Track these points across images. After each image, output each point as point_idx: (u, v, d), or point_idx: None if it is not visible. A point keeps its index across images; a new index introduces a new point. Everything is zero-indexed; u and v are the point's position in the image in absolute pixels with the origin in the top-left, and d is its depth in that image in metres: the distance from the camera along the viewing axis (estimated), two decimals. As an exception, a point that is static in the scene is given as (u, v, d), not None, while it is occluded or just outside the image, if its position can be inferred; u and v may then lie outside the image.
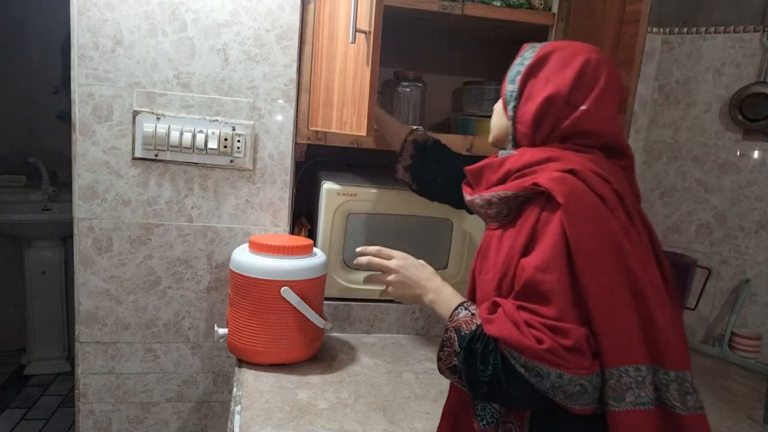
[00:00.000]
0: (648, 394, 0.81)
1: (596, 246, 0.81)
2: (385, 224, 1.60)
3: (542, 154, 0.91)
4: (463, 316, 0.92)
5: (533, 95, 0.95)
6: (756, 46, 1.79)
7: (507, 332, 0.81)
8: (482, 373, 0.84)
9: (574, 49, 0.95)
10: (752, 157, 1.82)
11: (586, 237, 0.81)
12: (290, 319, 1.36)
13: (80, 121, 1.44)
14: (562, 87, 0.92)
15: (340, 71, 1.37)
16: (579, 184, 0.84)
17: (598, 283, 0.80)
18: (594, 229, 0.82)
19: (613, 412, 0.81)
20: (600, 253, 0.81)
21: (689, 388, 0.84)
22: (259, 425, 1.14)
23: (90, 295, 1.52)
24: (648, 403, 0.81)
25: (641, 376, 0.81)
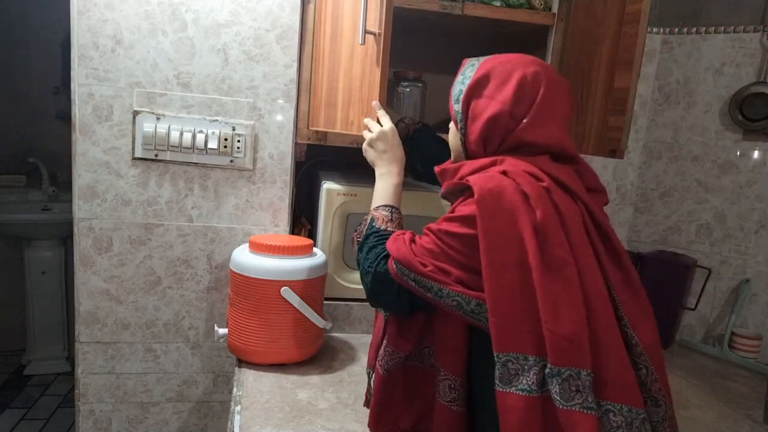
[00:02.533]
0: (529, 382, 0.85)
1: (495, 242, 0.88)
2: (385, 224, 1.60)
3: (488, 160, 0.97)
4: (383, 213, 1.14)
5: (478, 114, 0.99)
6: (756, 46, 1.79)
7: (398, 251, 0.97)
8: (364, 262, 1.04)
9: (510, 66, 0.99)
10: (752, 157, 1.82)
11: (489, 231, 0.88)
12: (290, 319, 1.36)
13: (80, 121, 1.44)
14: (504, 104, 0.96)
15: (345, 72, 1.38)
16: (504, 182, 0.90)
17: (491, 274, 0.87)
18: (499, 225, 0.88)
19: (499, 392, 0.87)
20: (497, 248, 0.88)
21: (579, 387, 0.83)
22: (259, 425, 1.14)
23: (90, 295, 1.52)
24: (529, 390, 0.85)
25: (526, 365, 0.86)
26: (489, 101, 0.97)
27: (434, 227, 0.97)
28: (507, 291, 0.87)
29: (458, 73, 1.06)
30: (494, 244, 0.87)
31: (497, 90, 0.97)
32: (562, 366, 0.84)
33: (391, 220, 1.12)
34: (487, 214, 0.88)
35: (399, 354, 1.05)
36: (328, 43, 1.43)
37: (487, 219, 0.88)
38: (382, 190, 1.20)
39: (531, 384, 0.85)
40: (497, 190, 0.89)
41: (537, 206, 0.88)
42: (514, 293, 0.87)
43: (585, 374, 0.84)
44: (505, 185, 0.89)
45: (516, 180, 0.90)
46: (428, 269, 0.93)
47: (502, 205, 0.88)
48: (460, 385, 0.98)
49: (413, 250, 0.96)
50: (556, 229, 0.88)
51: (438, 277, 0.93)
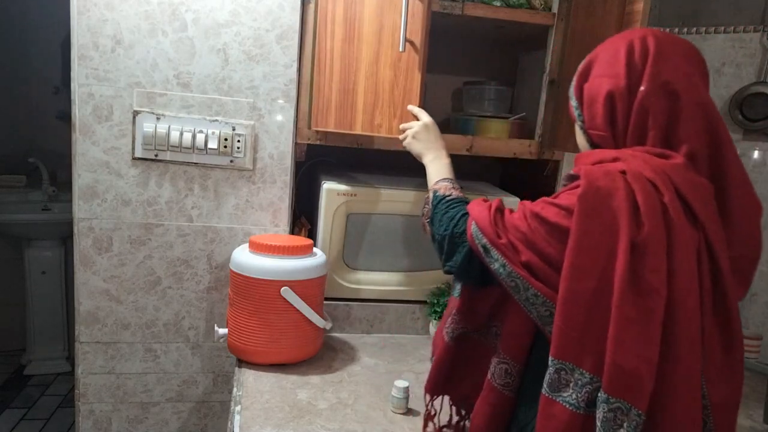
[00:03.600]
0: (579, 398, 0.81)
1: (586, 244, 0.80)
2: (385, 224, 1.60)
3: (614, 154, 0.88)
4: (445, 184, 1.18)
5: (594, 96, 0.92)
6: (756, 46, 1.79)
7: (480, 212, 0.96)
8: (438, 229, 1.06)
9: (614, 41, 0.93)
10: (752, 157, 1.82)
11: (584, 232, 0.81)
12: (290, 319, 1.36)
13: (80, 121, 1.44)
14: (618, 77, 0.89)
15: (367, 76, 1.44)
16: (618, 184, 0.81)
17: (571, 279, 0.80)
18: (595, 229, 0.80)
19: (545, 397, 0.83)
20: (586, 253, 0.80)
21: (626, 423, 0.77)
22: (259, 425, 1.14)
23: (90, 295, 1.52)
24: (577, 406, 0.81)
25: (578, 380, 0.81)
26: (601, 80, 0.91)
27: (529, 206, 0.91)
28: (581, 299, 0.80)
29: None
30: (585, 246, 0.80)
31: (607, 67, 0.91)
32: (613, 396, 0.78)
33: (453, 188, 1.16)
34: (586, 213, 0.81)
35: (466, 326, 1.05)
36: (339, 45, 1.43)
37: (586, 218, 0.81)
38: (436, 170, 1.25)
39: (580, 400, 0.80)
40: (606, 190, 0.81)
41: (646, 221, 0.79)
42: (587, 304, 0.80)
43: (635, 413, 0.77)
44: (618, 188, 0.81)
45: (633, 185, 0.81)
46: (501, 241, 0.90)
47: (607, 209, 0.80)
48: (517, 372, 0.97)
49: (496, 219, 0.93)
50: (658, 252, 0.79)
51: (507, 253, 0.89)
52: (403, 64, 1.43)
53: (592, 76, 0.94)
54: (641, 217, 0.79)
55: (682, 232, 0.80)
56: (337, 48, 1.44)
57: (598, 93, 0.91)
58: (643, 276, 0.78)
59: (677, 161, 0.85)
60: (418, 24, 1.41)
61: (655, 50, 0.88)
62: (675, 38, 0.92)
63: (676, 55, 0.89)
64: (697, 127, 0.87)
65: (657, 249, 0.78)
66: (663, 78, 0.87)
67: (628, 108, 0.89)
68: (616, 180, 0.82)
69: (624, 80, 0.88)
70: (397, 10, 1.40)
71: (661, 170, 0.83)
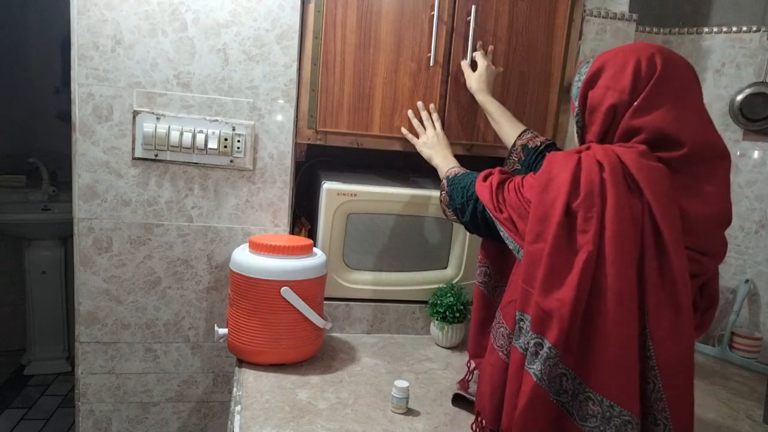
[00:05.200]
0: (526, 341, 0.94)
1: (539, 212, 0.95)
2: (385, 224, 1.60)
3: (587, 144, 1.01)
4: (454, 170, 1.31)
5: (597, 105, 0.99)
6: (756, 46, 1.79)
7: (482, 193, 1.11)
8: (456, 199, 1.22)
9: (624, 54, 0.98)
10: (752, 157, 1.82)
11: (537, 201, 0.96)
12: (290, 319, 1.36)
13: (80, 121, 1.44)
14: (623, 93, 0.95)
15: (386, 82, 1.54)
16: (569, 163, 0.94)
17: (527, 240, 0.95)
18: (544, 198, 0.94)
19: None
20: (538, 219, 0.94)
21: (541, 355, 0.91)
22: (259, 425, 1.14)
23: (90, 295, 1.52)
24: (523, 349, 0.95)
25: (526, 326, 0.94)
26: (606, 91, 0.97)
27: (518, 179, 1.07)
28: (534, 259, 0.93)
29: (575, 73, 1.08)
30: (536, 214, 0.95)
31: (614, 79, 0.97)
32: (533, 331, 0.92)
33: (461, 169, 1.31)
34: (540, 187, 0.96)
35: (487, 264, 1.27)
36: (352, 50, 1.50)
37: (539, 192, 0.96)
38: (446, 163, 1.38)
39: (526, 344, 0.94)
40: (558, 167, 0.95)
41: (582, 191, 0.91)
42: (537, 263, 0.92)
43: (548, 346, 0.89)
44: (567, 166, 0.94)
45: (582, 164, 0.93)
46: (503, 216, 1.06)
47: (554, 183, 0.94)
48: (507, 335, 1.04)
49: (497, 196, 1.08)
50: (588, 217, 0.90)
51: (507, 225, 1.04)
52: (432, 78, 1.56)
53: (598, 86, 0.99)
54: (579, 188, 0.91)
55: (618, 202, 0.89)
56: (350, 53, 1.50)
57: (601, 104, 0.98)
58: (573, 236, 0.90)
59: (637, 148, 0.93)
60: (440, 43, 1.54)
61: (661, 71, 0.94)
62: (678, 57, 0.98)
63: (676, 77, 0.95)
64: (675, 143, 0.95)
65: (587, 214, 0.90)
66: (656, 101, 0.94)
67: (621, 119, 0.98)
68: (569, 160, 0.94)
69: (627, 96, 0.95)
70: (417, 28, 1.53)
71: (612, 153, 0.93)
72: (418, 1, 1.51)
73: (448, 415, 1.26)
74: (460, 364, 1.53)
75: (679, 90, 0.95)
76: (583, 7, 1.63)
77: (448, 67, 1.55)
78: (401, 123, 1.56)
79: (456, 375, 1.46)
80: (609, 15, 1.66)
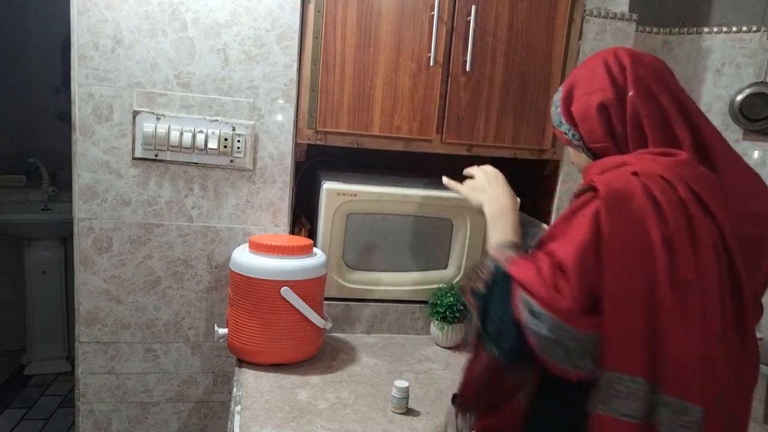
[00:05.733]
0: (637, 407, 0.79)
1: (624, 245, 0.79)
2: (385, 224, 1.60)
3: (620, 159, 0.90)
4: (506, 255, 0.92)
5: (585, 111, 0.96)
6: (756, 46, 1.79)
7: (528, 277, 0.82)
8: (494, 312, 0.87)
9: (589, 63, 0.99)
10: (752, 157, 1.82)
11: (618, 233, 0.79)
12: (290, 319, 1.36)
13: (80, 121, 1.44)
14: (605, 90, 0.93)
15: (386, 82, 1.53)
16: (634, 184, 0.82)
17: (616, 281, 0.78)
18: (628, 228, 0.79)
19: (598, 415, 0.80)
20: (626, 252, 0.79)
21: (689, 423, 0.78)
22: (259, 425, 1.15)
23: (90, 295, 1.52)
24: (634, 416, 0.79)
25: (635, 389, 0.79)
26: (588, 96, 0.95)
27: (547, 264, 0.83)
28: (631, 302, 0.78)
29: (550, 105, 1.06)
30: (621, 247, 0.79)
31: (590, 84, 0.96)
32: (677, 397, 0.77)
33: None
34: (615, 215, 0.80)
35: None
36: (352, 50, 1.50)
37: (615, 220, 0.79)
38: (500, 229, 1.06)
39: (637, 409, 0.78)
40: (625, 191, 0.81)
41: (669, 216, 0.80)
42: (637, 306, 0.78)
43: (697, 411, 0.78)
44: (635, 186, 0.81)
45: (648, 184, 0.82)
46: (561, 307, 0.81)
47: (630, 210, 0.80)
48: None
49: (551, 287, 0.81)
50: (684, 245, 0.79)
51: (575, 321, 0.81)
52: (431, 77, 1.55)
53: (576, 97, 0.97)
54: (664, 212, 0.80)
55: (703, 226, 0.81)
56: (350, 53, 1.50)
57: (588, 107, 0.95)
58: (677, 269, 0.78)
59: (682, 158, 0.87)
60: (441, 43, 1.53)
61: (630, 60, 0.93)
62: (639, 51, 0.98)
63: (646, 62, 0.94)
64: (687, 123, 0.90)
65: (683, 242, 0.79)
66: (646, 83, 0.91)
67: (621, 115, 0.92)
68: (630, 181, 0.82)
69: (611, 90, 0.92)
70: (417, 28, 1.52)
71: (670, 167, 0.84)
72: (418, 1, 1.51)
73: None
74: (460, 364, 1.52)
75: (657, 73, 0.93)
76: (583, 7, 1.63)
77: (448, 67, 1.55)
78: (401, 123, 1.56)
79: (456, 375, 1.46)
80: (609, 15, 1.66)
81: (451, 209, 1.62)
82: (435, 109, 1.57)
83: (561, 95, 1.01)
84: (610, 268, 0.79)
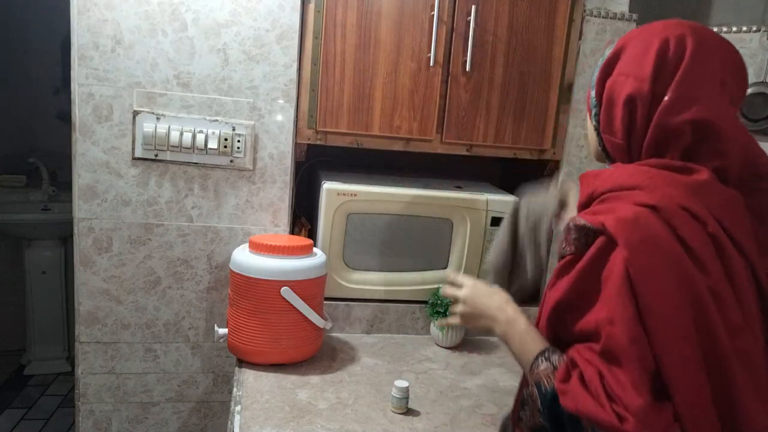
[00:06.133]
0: None
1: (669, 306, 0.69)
2: (385, 224, 1.60)
3: (631, 179, 0.77)
4: (543, 369, 0.80)
5: (614, 98, 0.81)
6: (756, 46, 1.79)
7: (585, 406, 0.71)
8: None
9: (649, 33, 0.80)
10: (752, 157, 1.82)
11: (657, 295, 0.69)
12: (290, 319, 1.36)
13: (80, 121, 1.44)
14: (642, 81, 0.77)
15: (386, 82, 1.54)
16: (656, 227, 0.71)
17: (673, 350, 0.69)
18: (666, 284, 0.69)
19: None
20: (675, 314, 0.69)
21: None
22: (259, 425, 1.15)
23: (90, 295, 1.52)
24: None
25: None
26: (625, 79, 0.79)
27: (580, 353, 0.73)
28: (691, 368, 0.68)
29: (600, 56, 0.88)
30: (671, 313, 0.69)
31: (634, 64, 0.79)
32: None
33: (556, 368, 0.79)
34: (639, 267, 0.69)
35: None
36: (352, 50, 1.50)
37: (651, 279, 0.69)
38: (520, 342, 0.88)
39: None
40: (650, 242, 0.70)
41: (705, 260, 0.70)
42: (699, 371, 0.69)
43: None
44: (658, 236, 0.70)
45: (671, 222, 0.71)
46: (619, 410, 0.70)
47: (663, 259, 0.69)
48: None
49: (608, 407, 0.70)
50: (728, 291, 0.70)
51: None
52: (431, 77, 1.55)
53: (616, 72, 0.81)
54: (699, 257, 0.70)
55: (737, 263, 0.72)
56: (350, 53, 1.50)
57: (618, 95, 0.80)
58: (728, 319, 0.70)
59: (703, 177, 0.74)
60: (441, 43, 1.53)
61: (691, 55, 0.76)
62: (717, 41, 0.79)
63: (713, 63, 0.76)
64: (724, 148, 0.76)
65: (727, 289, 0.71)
66: (692, 94, 0.75)
67: (647, 117, 0.78)
68: (649, 224, 0.71)
69: (648, 85, 0.77)
70: (417, 28, 1.52)
71: (692, 193, 0.73)
72: (418, 1, 1.51)
73: (447, 415, 1.26)
74: (460, 364, 1.53)
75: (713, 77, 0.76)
76: (583, 7, 1.63)
77: (448, 67, 1.55)
78: (401, 123, 1.56)
79: (456, 375, 1.46)
80: (609, 15, 1.66)
81: (451, 209, 1.62)
82: (435, 109, 1.57)
83: (607, 56, 0.84)
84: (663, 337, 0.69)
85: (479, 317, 0.99)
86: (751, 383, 0.70)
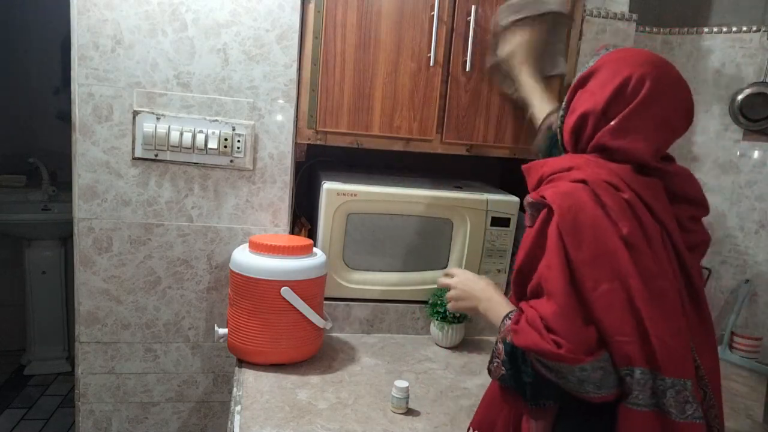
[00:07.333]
0: (645, 397, 0.85)
1: (590, 255, 0.87)
2: (385, 224, 1.60)
3: (568, 162, 0.97)
4: (506, 326, 0.98)
5: (576, 107, 0.99)
6: (756, 46, 1.79)
7: (530, 339, 0.87)
8: (525, 374, 0.92)
9: (621, 64, 0.95)
10: (752, 157, 1.82)
11: (580, 246, 0.87)
12: (290, 319, 1.36)
13: (80, 121, 1.44)
14: (597, 104, 0.94)
15: (386, 83, 1.54)
16: (583, 196, 0.89)
17: (596, 289, 0.86)
18: (588, 239, 0.87)
19: (623, 407, 0.86)
20: (593, 261, 0.86)
21: (688, 397, 0.85)
22: (259, 425, 1.15)
23: (90, 295, 1.52)
24: (645, 405, 0.85)
25: (644, 379, 0.85)
26: (589, 96, 0.97)
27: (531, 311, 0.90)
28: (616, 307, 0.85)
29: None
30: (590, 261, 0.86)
31: (598, 87, 0.96)
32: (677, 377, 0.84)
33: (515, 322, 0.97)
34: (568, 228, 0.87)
35: None
36: (352, 50, 1.50)
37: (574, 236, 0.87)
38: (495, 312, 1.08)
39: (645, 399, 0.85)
40: (576, 207, 0.88)
41: (619, 219, 0.87)
42: (623, 308, 0.85)
43: (690, 385, 0.85)
44: (583, 196, 0.89)
45: (596, 191, 0.89)
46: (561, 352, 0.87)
47: (586, 219, 0.87)
48: None
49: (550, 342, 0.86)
50: (643, 243, 0.87)
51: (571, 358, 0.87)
52: (431, 78, 1.55)
53: (585, 88, 0.98)
54: (613, 216, 0.87)
55: (651, 225, 0.89)
56: (350, 53, 1.51)
57: (578, 107, 0.98)
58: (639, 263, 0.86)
59: (625, 166, 0.93)
60: (441, 43, 1.53)
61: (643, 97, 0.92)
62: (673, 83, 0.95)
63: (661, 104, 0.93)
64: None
65: (641, 241, 0.87)
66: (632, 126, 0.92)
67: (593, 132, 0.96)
68: (579, 192, 0.89)
69: (600, 109, 0.94)
70: (417, 28, 1.52)
71: (614, 173, 0.91)
72: (418, 1, 1.51)
73: (447, 415, 1.26)
74: (460, 364, 1.53)
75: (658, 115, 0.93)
76: (583, 7, 1.63)
77: (448, 67, 1.55)
78: (401, 123, 1.56)
79: (456, 375, 1.46)
80: (609, 15, 1.66)
81: (451, 209, 1.62)
82: (435, 109, 1.57)
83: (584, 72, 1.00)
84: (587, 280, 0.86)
85: (467, 298, 1.18)
86: (662, 316, 0.85)
